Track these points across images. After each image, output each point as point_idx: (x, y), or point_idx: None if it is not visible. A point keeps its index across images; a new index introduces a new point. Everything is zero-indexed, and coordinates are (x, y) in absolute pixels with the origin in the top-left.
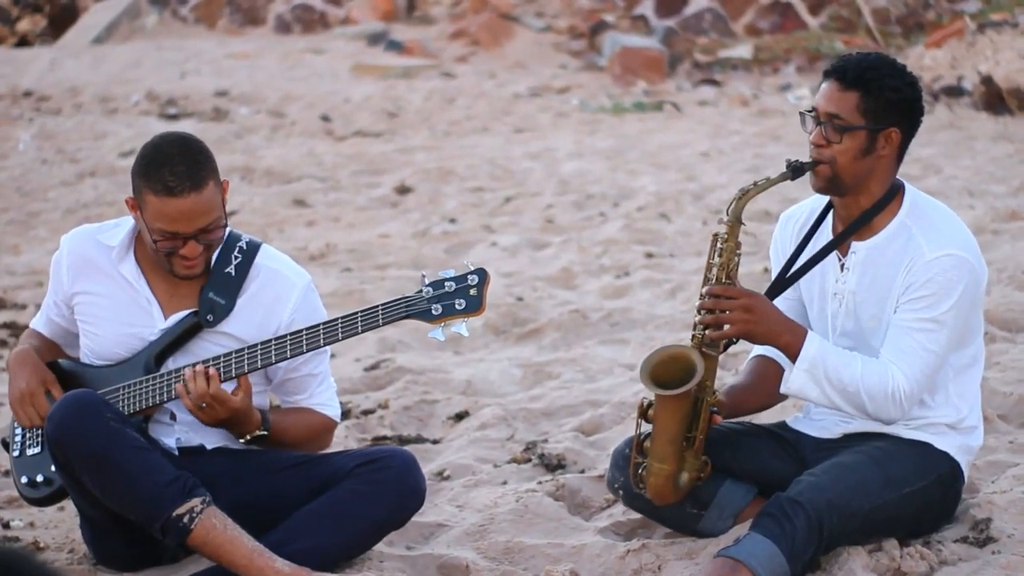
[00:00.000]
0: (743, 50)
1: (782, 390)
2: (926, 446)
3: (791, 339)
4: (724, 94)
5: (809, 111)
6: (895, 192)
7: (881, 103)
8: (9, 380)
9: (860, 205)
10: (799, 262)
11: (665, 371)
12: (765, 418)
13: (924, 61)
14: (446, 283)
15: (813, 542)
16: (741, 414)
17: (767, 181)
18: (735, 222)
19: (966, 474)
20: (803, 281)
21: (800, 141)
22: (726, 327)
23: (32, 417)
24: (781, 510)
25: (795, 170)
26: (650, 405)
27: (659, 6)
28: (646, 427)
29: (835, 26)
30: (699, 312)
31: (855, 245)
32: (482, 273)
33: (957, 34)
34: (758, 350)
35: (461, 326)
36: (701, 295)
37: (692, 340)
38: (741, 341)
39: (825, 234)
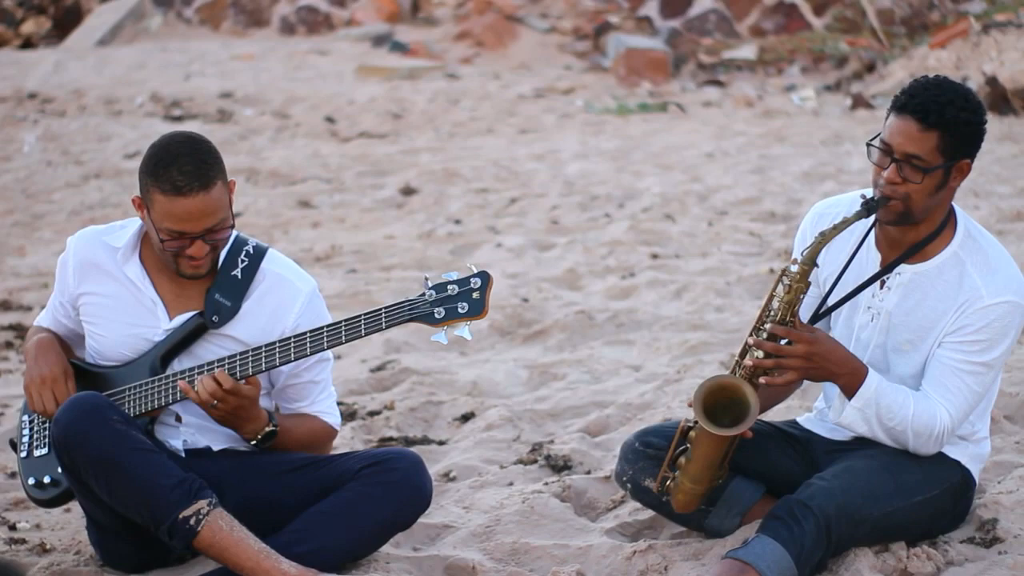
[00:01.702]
0: (747, 51)
1: (831, 420)
2: (938, 454)
3: (849, 380)
4: (728, 95)
5: (874, 141)
6: (948, 217)
7: (958, 139)
8: (28, 364)
9: (918, 232)
10: (842, 281)
11: (715, 398)
12: (775, 415)
13: (928, 62)
14: (449, 286)
15: (821, 546)
16: (765, 409)
17: (844, 222)
18: (810, 264)
19: (976, 480)
20: (837, 285)
21: (804, 142)
22: (785, 373)
23: (48, 403)
24: (790, 513)
25: (870, 209)
26: (691, 428)
27: (663, 7)
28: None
29: (839, 27)
30: (751, 343)
31: (901, 266)
32: (485, 276)
33: (961, 35)
34: None
35: (464, 329)
36: (758, 327)
37: (740, 368)
38: None
39: (868, 249)
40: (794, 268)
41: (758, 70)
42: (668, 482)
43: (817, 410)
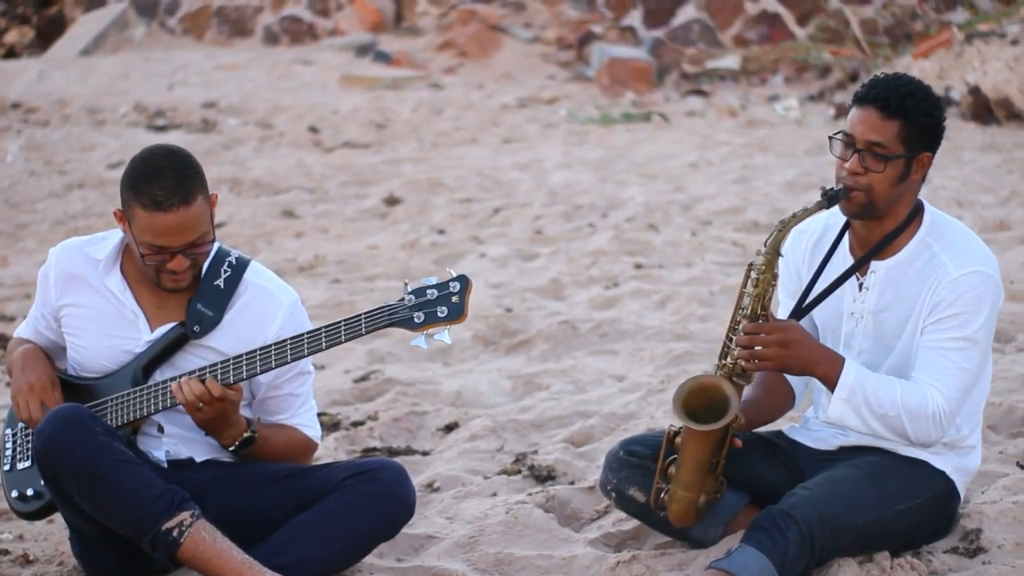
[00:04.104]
0: (731, 61)
1: (822, 419)
2: (922, 464)
3: (829, 369)
4: (712, 105)
5: (837, 135)
6: (916, 212)
7: (919, 130)
8: (14, 374)
9: (884, 228)
10: (817, 286)
11: (696, 400)
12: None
13: (912, 72)
14: (428, 291)
15: (805, 556)
16: (755, 427)
17: (804, 211)
18: (773, 254)
19: (962, 494)
20: (812, 291)
21: (788, 152)
22: (763, 362)
23: (35, 411)
24: (773, 523)
25: (830, 199)
26: (677, 434)
27: (647, 17)
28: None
29: (823, 37)
30: (729, 341)
31: (874, 264)
32: (464, 280)
33: (945, 44)
34: None
35: (444, 334)
36: (733, 326)
37: (720, 368)
38: None
39: (842, 255)
40: (759, 260)
41: (741, 80)
42: (663, 495)
43: (804, 419)
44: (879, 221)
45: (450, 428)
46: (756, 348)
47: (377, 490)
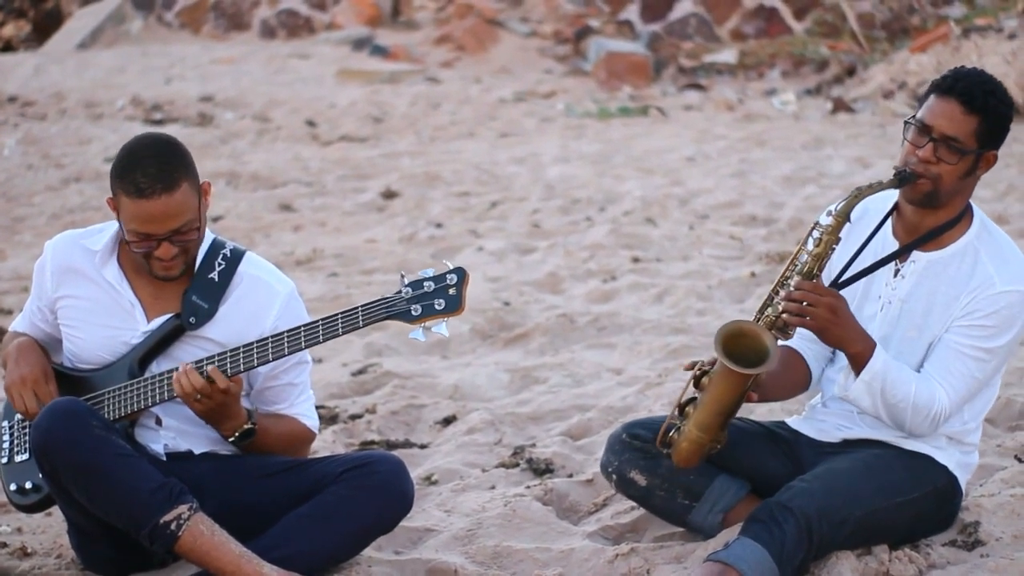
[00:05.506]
0: (728, 55)
1: (838, 393)
2: (925, 458)
3: (862, 349)
4: (709, 99)
5: (912, 119)
6: (965, 209)
7: (993, 128)
8: (8, 367)
9: (937, 218)
10: (856, 265)
11: (735, 344)
12: (763, 416)
13: (909, 66)
14: (425, 283)
15: (802, 548)
16: (768, 400)
17: (879, 184)
18: (843, 218)
19: (964, 490)
20: (850, 271)
21: (785, 146)
22: (807, 318)
23: (30, 403)
24: (771, 516)
25: (901, 179)
26: (704, 374)
27: (644, 11)
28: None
29: (820, 31)
30: (775, 294)
31: (916, 254)
32: (460, 272)
33: (942, 39)
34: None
35: (441, 326)
36: (783, 280)
37: (762, 318)
38: None
39: (884, 238)
40: (827, 220)
41: (739, 74)
42: (672, 432)
43: (810, 407)
44: (933, 211)
45: (448, 421)
46: (805, 304)
47: (375, 483)
